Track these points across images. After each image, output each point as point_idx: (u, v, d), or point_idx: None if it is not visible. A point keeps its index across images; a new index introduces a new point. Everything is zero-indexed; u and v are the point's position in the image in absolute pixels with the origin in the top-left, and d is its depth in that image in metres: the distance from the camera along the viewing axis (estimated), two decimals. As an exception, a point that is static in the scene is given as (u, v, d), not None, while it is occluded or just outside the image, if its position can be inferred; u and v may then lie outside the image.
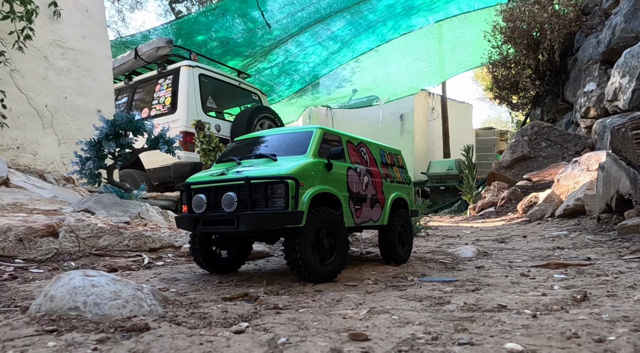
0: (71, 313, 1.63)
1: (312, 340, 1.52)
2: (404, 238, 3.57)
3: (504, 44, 9.30)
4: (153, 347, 1.43)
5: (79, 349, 1.40)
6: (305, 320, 1.77)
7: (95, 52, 8.02)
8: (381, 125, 12.59)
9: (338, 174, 2.81)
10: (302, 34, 9.12)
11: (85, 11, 7.93)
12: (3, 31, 6.38)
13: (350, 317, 1.82)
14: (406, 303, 2.09)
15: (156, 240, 3.22)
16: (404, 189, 3.70)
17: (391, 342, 1.50)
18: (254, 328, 1.67)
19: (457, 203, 10.97)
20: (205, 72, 8.91)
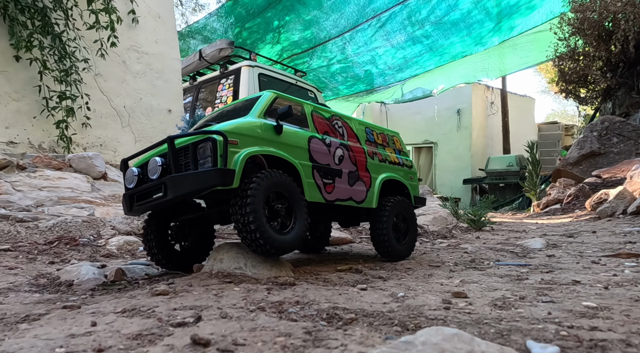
0: (237, 272, 2.29)
1: (423, 295, 2.07)
2: (403, 230, 3.36)
3: (571, 36, 9.27)
4: (308, 294, 2.04)
5: (257, 293, 2.04)
6: (410, 285, 2.32)
7: (166, 55, 8.97)
8: (437, 121, 12.82)
9: (294, 140, 2.69)
10: (361, 32, 9.63)
11: (158, 17, 8.90)
12: (88, 40, 7.40)
13: (446, 284, 2.34)
14: (489, 278, 2.57)
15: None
16: (401, 172, 3.53)
17: (487, 299, 2.01)
18: (372, 288, 2.24)
19: (519, 201, 11.02)
20: (264, 72, 9.67)
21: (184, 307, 1.81)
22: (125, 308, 1.79)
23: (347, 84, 11.29)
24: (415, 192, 3.67)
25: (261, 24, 10.45)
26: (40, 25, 6.88)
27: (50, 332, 1.50)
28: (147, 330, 1.53)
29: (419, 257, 3.37)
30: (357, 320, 1.67)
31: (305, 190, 2.64)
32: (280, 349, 1.36)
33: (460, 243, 4.34)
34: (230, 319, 1.66)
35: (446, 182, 12.81)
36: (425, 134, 13.28)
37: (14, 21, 6.62)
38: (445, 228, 5.16)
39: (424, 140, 13.39)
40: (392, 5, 9.15)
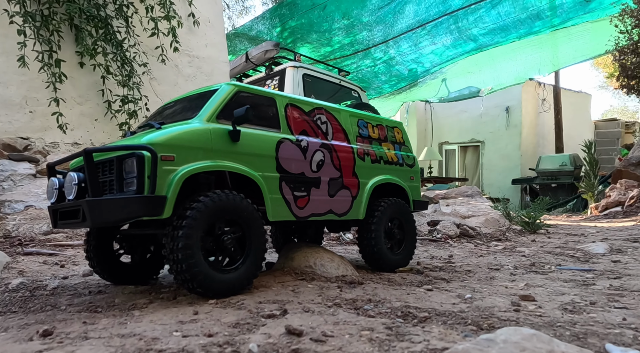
0: (307, 270, 2.47)
1: (490, 298, 2.16)
2: (398, 237, 2.98)
3: (634, 29, 8.81)
4: (378, 292, 2.19)
5: (329, 289, 2.21)
6: (474, 287, 2.41)
7: (215, 58, 9.38)
8: (484, 119, 12.56)
9: (257, 147, 2.26)
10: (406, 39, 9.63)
11: (208, 22, 9.32)
12: (146, 46, 7.87)
13: (510, 287, 2.41)
14: (553, 282, 2.61)
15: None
16: (400, 173, 3.09)
17: (556, 303, 2.07)
18: (437, 289, 2.35)
19: (573, 202, 10.62)
20: (309, 72, 9.89)
21: (268, 301, 2.00)
22: (215, 301, 2.01)
23: (391, 83, 11.30)
24: (416, 195, 3.24)
25: (306, 26, 10.67)
26: (103, 33, 7.41)
27: (161, 318, 1.74)
28: (242, 320, 1.73)
29: (477, 260, 3.42)
30: (430, 318, 1.80)
31: (268, 209, 2.26)
32: (367, 341, 1.51)
33: (516, 247, 4.33)
34: (312, 313, 1.84)
35: (494, 182, 12.53)
36: (471, 132, 13.04)
37: (80, 30, 7.18)
38: (498, 230, 5.13)
39: (471, 139, 13.16)
40: (439, 16, 9.10)
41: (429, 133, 13.69)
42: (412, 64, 10.57)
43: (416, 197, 3.25)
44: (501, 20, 8.64)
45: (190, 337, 1.54)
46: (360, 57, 10.67)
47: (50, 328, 1.55)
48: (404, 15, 9.35)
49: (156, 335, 1.54)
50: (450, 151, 13.83)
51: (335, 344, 1.49)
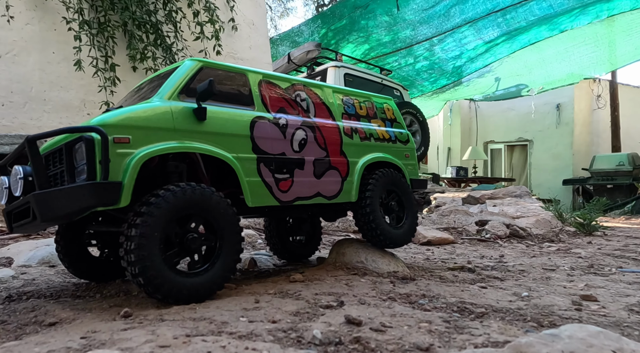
0: (359, 265, 2.53)
1: (548, 296, 2.12)
2: (396, 210, 2.86)
3: None
4: (431, 288, 2.21)
5: (382, 284, 2.26)
6: (530, 286, 2.37)
7: (259, 60, 9.60)
8: (533, 117, 12.09)
9: (228, 126, 2.10)
10: (450, 36, 9.47)
11: (252, 24, 9.56)
12: (193, 49, 8.19)
13: (569, 287, 2.36)
14: (615, 284, 2.52)
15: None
16: (393, 150, 2.95)
17: (620, 304, 2.01)
18: (491, 287, 2.34)
19: (632, 204, 10.01)
20: (350, 71, 9.95)
21: (324, 293, 2.08)
22: (275, 291, 2.11)
23: (432, 80, 11.13)
24: (413, 173, 3.08)
25: (347, 25, 10.73)
26: (154, 38, 7.80)
27: (226, 305, 1.86)
28: (302, 309, 1.81)
29: (529, 260, 3.35)
30: (487, 314, 1.80)
31: (246, 194, 2.10)
32: (426, 333, 1.55)
33: (570, 248, 4.18)
34: (368, 306, 1.90)
35: (543, 183, 12.03)
36: (519, 131, 12.57)
37: (133, 36, 7.60)
38: (550, 231, 4.96)
39: (518, 138, 12.69)
40: (486, 13, 8.87)
41: (473, 132, 13.35)
42: (456, 61, 10.37)
43: (413, 176, 3.08)
44: (553, 10, 8.30)
45: (256, 322, 1.64)
46: (402, 54, 10.59)
47: (129, 311, 1.71)
48: (450, 15, 9.19)
49: (225, 319, 1.66)
50: (496, 150, 13.41)
51: (395, 334, 1.53)
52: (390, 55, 10.90)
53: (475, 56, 10.12)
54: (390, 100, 3.18)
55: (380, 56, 11.00)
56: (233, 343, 1.39)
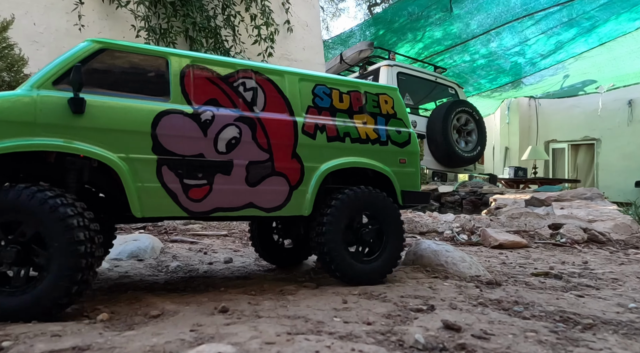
0: (438, 268, 2.46)
1: (658, 309, 1.94)
2: (369, 239, 2.31)
3: None
4: (522, 295, 2.10)
5: (468, 289, 2.17)
6: (634, 297, 2.19)
7: (312, 61, 9.66)
8: (601, 114, 11.28)
9: (119, 121, 1.83)
10: (509, 29, 9.04)
11: (306, 26, 9.64)
12: (250, 52, 8.36)
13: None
14: None
15: (423, 225, 4.06)
16: (380, 154, 2.40)
17: None
18: (587, 295, 2.18)
19: None
20: (403, 70, 9.78)
21: (409, 296, 2.03)
22: (359, 291, 2.09)
23: (490, 78, 10.67)
24: (408, 184, 2.47)
25: (400, 26, 10.55)
26: (213, 42, 8.05)
27: (315, 304, 1.86)
28: (393, 312, 1.78)
29: (618, 267, 3.10)
30: (596, 326, 1.67)
31: (131, 202, 1.82)
32: (536, 343, 1.46)
33: (659, 256, 3.83)
34: (461, 311, 1.82)
35: (612, 184, 11.18)
36: (585, 129, 11.75)
37: (194, 41, 7.87)
38: (633, 237, 4.58)
39: (584, 137, 11.87)
40: (549, 5, 8.39)
41: (533, 131, 12.66)
42: (518, 58, 9.89)
43: (408, 187, 2.47)
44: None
45: (352, 323, 1.62)
46: (457, 51, 10.27)
47: (226, 306, 1.74)
48: (509, 7, 8.78)
49: (319, 319, 1.65)
50: (559, 150, 12.63)
51: (502, 343, 1.46)
52: (444, 53, 10.61)
53: (540, 53, 9.61)
54: (392, 89, 2.62)
55: (434, 54, 10.73)
56: (337, 344, 1.37)
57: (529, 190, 9.47)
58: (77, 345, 1.28)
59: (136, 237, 2.85)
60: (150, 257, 2.77)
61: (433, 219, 4.17)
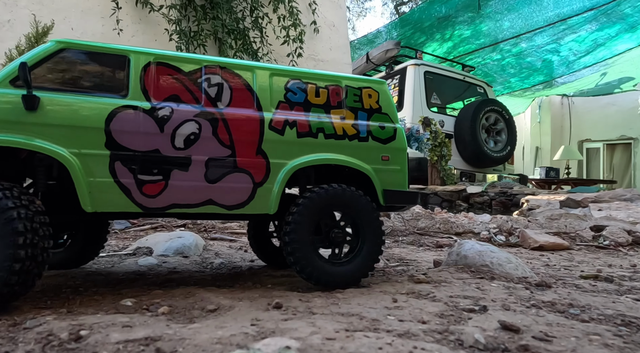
0: (483, 268, 2.42)
1: None
2: (340, 240, 2.21)
3: None
4: (575, 297, 2.05)
5: (517, 290, 2.13)
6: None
7: (339, 61, 9.66)
8: (638, 112, 10.86)
9: (72, 117, 1.88)
10: (541, 33, 8.83)
11: (332, 26, 9.65)
12: (277, 54, 8.42)
13: None
14: None
15: (459, 226, 4.01)
16: (358, 150, 2.30)
17: None
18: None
19: None
20: (431, 69, 9.68)
21: (458, 296, 2.01)
22: (406, 291, 2.08)
23: (521, 76, 10.44)
24: (393, 183, 2.34)
25: (429, 23, 10.45)
26: (241, 44, 8.15)
27: (366, 302, 1.86)
28: (445, 312, 1.76)
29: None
30: (663, 330, 1.62)
31: (81, 196, 1.85)
32: (602, 346, 1.42)
33: None
34: (515, 312, 1.79)
35: (650, 185, 10.78)
36: (621, 128, 11.34)
37: (223, 43, 7.99)
38: (680, 241, 4.40)
39: (620, 136, 11.46)
40: (582, 11, 8.15)
41: (566, 130, 12.30)
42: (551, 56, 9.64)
43: (392, 186, 2.33)
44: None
45: (406, 321, 1.62)
46: (487, 50, 10.09)
47: (279, 302, 1.77)
48: (542, 7, 8.57)
49: (373, 316, 1.65)
50: (593, 150, 12.23)
51: (566, 345, 1.43)
52: (474, 53, 10.44)
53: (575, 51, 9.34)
54: (378, 83, 2.46)
55: (464, 54, 10.57)
56: (397, 342, 1.37)
57: (562, 191, 9.22)
58: (148, 335, 1.33)
59: (180, 234, 2.92)
60: (194, 254, 2.83)
61: (469, 220, 4.12)
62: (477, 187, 9.74)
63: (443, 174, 9.84)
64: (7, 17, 6.42)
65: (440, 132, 9.63)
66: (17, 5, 6.51)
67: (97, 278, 2.24)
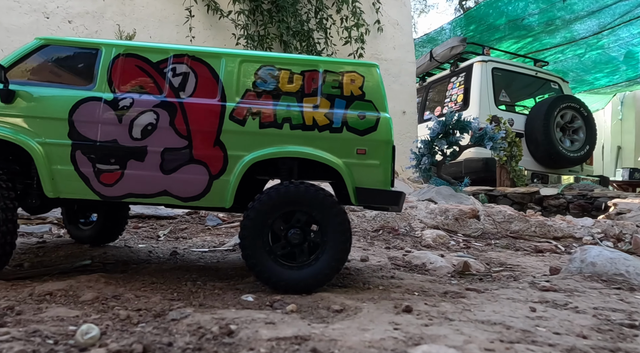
0: (617, 278, 2.17)
1: None
2: (298, 242, 1.96)
3: None
4: None
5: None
6: None
7: (403, 59, 9.41)
8: None
9: (40, 109, 1.99)
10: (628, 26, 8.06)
11: (396, 24, 9.43)
12: (343, 54, 8.34)
13: None
14: None
15: (557, 230, 3.70)
16: (329, 142, 2.05)
17: None
18: None
19: None
20: (499, 65, 9.17)
21: (603, 308, 1.79)
22: (539, 299, 1.89)
23: (606, 72, 9.61)
24: (369, 180, 2.05)
25: (497, 17, 9.93)
26: (306, 45, 8.16)
27: (501, 310, 1.69)
28: (600, 326, 1.56)
29: None
30: None
31: (43, 182, 1.96)
32: None
33: None
34: (682, 328, 1.55)
35: None
36: None
37: (288, 45, 8.04)
38: None
39: None
40: None
41: (652, 128, 11.22)
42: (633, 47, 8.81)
43: (367, 183, 2.04)
44: None
45: (563, 335, 1.44)
46: (566, 45, 9.41)
47: (409, 306, 1.65)
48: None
49: (520, 326, 1.49)
50: (683, 149, 11.06)
51: None
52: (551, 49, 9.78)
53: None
54: (367, 66, 2.16)
55: (538, 51, 9.94)
56: (571, 358, 1.21)
57: None
58: (297, 334, 1.26)
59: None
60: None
61: (568, 223, 3.78)
62: (551, 189, 9.11)
63: (513, 175, 9.29)
64: (95, 28, 6.84)
65: (511, 131, 9.11)
66: (103, 17, 6.92)
67: (209, 272, 2.25)
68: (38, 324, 1.30)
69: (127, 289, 1.83)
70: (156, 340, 1.19)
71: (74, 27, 6.62)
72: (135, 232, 3.26)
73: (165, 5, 7.30)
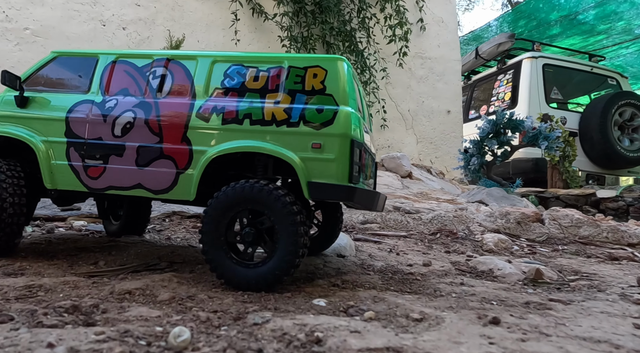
0: None
1: None
2: (251, 239, 1.96)
3: None
4: None
5: None
6: None
7: (448, 57, 9.13)
8: None
9: (48, 111, 2.30)
10: None
11: (441, 22, 9.16)
12: (385, 53, 8.19)
13: None
14: None
15: (632, 236, 3.42)
16: (284, 137, 2.02)
17: None
18: None
19: None
20: (550, 61, 8.70)
21: None
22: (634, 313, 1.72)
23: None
24: (322, 174, 1.98)
25: (549, 12, 9.44)
26: (348, 45, 8.07)
27: (600, 326, 1.54)
28: None
29: None
30: None
31: (43, 175, 2.24)
32: None
33: None
34: None
35: None
36: None
37: (330, 45, 7.98)
38: None
39: None
40: None
41: None
42: None
43: (321, 177, 1.98)
44: None
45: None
46: (625, 38, 8.81)
47: (497, 317, 1.53)
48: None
49: (631, 346, 1.34)
50: None
51: None
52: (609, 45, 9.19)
53: None
54: (331, 60, 2.15)
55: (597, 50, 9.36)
56: None
57: None
58: (388, 345, 1.18)
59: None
60: (350, 255, 2.72)
61: (642, 228, 3.49)
62: (609, 191, 8.55)
63: (566, 176, 8.79)
64: (147, 34, 7.06)
65: (564, 130, 8.63)
66: (155, 23, 7.13)
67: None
68: (126, 324, 1.30)
69: (199, 290, 1.82)
70: (245, 345, 1.15)
71: (127, 33, 6.86)
72: (195, 231, 3.29)
73: (212, 10, 7.44)
